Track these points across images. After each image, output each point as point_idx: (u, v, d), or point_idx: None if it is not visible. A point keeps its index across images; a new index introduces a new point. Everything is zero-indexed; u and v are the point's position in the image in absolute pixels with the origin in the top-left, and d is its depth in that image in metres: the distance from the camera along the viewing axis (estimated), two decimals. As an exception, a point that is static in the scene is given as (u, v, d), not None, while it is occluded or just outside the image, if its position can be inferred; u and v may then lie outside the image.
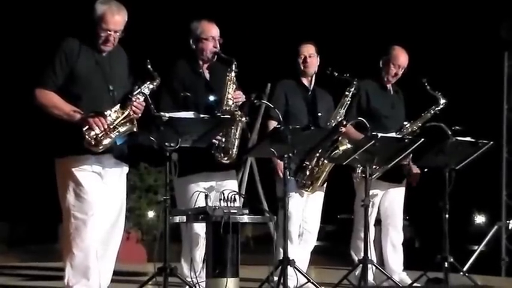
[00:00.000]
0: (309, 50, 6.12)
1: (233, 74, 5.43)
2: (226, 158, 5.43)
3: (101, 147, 4.73)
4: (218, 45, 5.52)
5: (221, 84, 5.45)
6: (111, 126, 4.73)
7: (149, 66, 4.88)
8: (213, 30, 5.53)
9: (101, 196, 4.88)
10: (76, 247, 4.81)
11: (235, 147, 5.43)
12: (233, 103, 5.40)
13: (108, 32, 4.84)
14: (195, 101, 5.43)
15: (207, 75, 5.60)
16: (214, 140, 5.33)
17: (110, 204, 4.96)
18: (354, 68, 6.29)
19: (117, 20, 4.85)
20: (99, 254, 4.89)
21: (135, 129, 4.78)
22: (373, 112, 6.38)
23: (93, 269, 4.83)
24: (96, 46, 4.90)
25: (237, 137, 5.43)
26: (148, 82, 4.89)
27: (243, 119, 5.42)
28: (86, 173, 4.84)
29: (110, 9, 4.83)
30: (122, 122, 4.76)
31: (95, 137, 4.70)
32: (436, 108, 6.37)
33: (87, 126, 4.67)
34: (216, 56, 5.51)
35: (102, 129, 4.69)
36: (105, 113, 4.73)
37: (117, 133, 4.75)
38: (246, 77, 5.63)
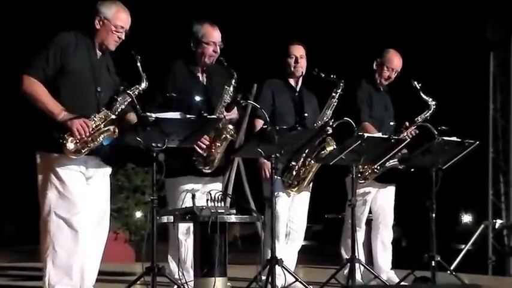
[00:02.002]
0: (299, 51, 6.11)
1: (231, 88, 5.42)
2: (207, 168, 5.43)
3: (79, 155, 4.75)
4: (218, 50, 5.51)
5: (218, 88, 5.45)
6: (93, 132, 4.73)
7: (139, 64, 4.86)
8: (215, 35, 5.50)
9: (84, 196, 4.85)
10: (58, 245, 4.76)
11: (217, 159, 5.43)
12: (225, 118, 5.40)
13: (120, 31, 4.88)
14: (188, 103, 5.42)
15: (204, 78, 5.59)
16: (199, 150, 5.34)
17: (94, 205, 4.94)
18: (339, 68, 6.29)
19: (128, 17, 4.92)
20: (84, 254, 4.85)
21: (115, 137, 4.81)
22: (371, 114, 6.44)
23: (76, 268, 4.79)
24: (93, 46, 4.90)
25: (219, 151, 5.42)
26: (136, 85, 4.89)
27: (230, 136, 5.43)
28: (70, 172, 4.81)
29: (119, 9, 4.89)
30: (104, 129, 4.77)
31: (75, 142, 4.70)
32: (428, 113, 6.38)
33: (68, 132, 4.68)
34: (215, 60, 5.51)
35: (84, 136, 4.69)
36: (89, 119, 4.74)
37: (97, 142, 4.76)
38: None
